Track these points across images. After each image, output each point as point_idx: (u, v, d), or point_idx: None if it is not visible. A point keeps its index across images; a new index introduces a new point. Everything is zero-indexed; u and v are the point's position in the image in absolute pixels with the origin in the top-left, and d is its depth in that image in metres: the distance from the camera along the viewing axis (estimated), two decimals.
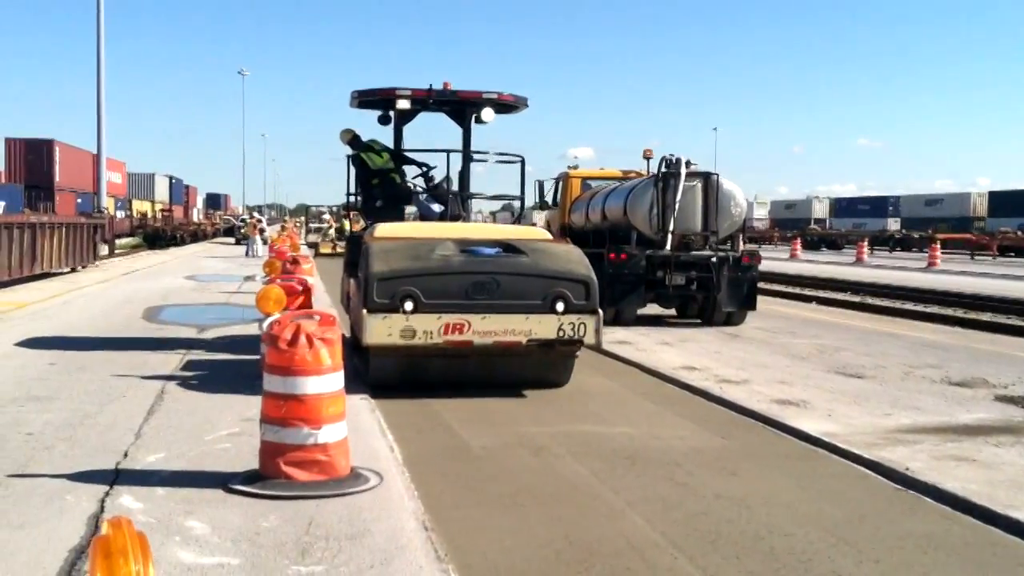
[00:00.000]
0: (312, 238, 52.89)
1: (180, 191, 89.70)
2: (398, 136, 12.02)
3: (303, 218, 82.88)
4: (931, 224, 67.19)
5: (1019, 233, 56.41)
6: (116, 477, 6.11)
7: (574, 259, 9.36)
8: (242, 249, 45.11)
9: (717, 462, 7.10)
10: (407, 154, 12.04)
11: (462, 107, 11.73)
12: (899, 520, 5.85)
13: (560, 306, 8.86)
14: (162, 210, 72.52)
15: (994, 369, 11.34)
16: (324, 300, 18.22)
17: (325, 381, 5.98)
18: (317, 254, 40.76)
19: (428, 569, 4.68)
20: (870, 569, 4.99)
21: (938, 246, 42.38)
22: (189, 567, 4.59)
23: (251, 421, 7.57)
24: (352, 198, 12.00)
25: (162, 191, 79.67)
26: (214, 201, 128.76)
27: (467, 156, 11.88)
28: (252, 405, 8.12)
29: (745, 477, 6.70)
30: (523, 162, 11.92)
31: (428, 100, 11.51)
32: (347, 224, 58.30)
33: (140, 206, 68.46)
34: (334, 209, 75.93)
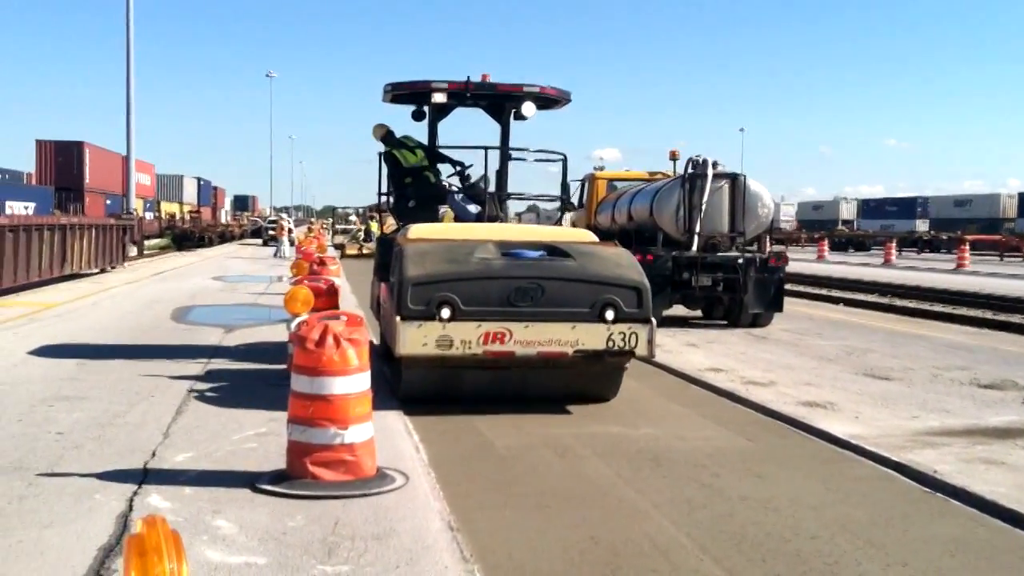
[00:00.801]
0: (339, 239, 53.10)
1: (208, 193, 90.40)
2: (432, 133, 11.35)
3: (330, 220, 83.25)
4: (960, 225, 66.68)
5: None
6: (144, 476, 6.17)
7: (625, 263, 8.73)
8: (269, 250, 45.38)
9: (743, 464, 7.08)
10: (442, 151, 11.41)
11: (501, 101, 11.07)
12: (927, 523, 5.81)
13: (610, 314, 8.24)
14: (190, 211, 73.15)
15: (1022, 371, 11.23)
16: (350, 301, 18.29)
17: (352, 381, 6.01)
18: (343, 255, 40.90)
19: (454, 569, 4.70)
20: (897, 572, 4.96)
21: (967, 247, 42.01)
22: (216, 566, 4.62)
23: (278, 421, 7.62)
24: (383, 198, 11.41)
25: (190, 193, 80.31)
26: (242, 203, 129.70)
27: (505, 154, 11.23)
28: (279, 405, 8.16)
29: (771, 479, 6.68)
30: (565, 160, 11.23)
31: (465, 94, 10.78)
32: (374, 226, 58.62)
33: (168, 207, 69.06)
34: (360, 211, 76.38)
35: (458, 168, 11.34)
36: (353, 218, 72.79)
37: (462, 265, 8.27)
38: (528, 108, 10.73)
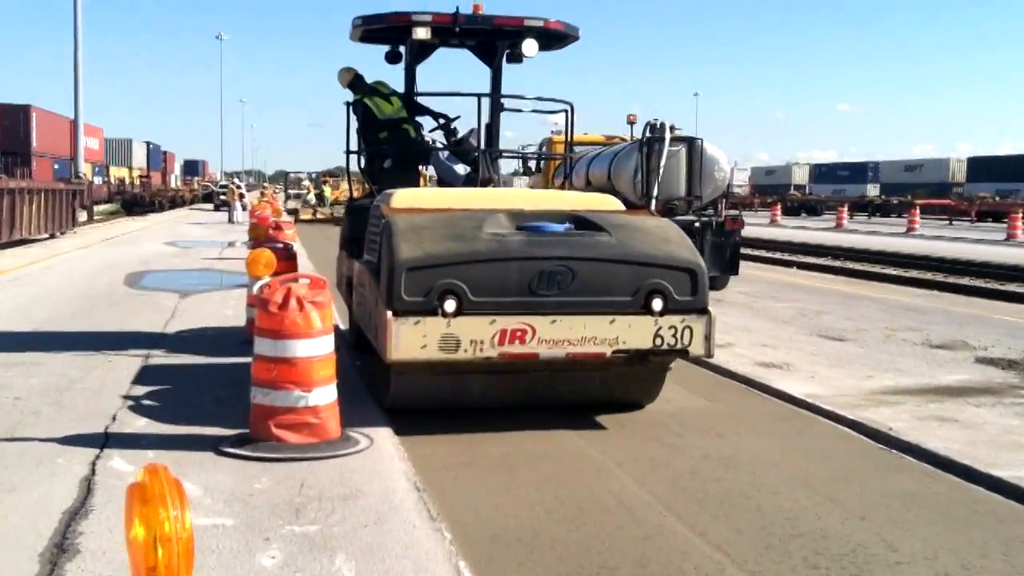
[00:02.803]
0: (291, 204, 52.65)
1: (158, 157, 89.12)
2: (410, 78, 9.62)
3: (282, 184, 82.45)
4: (910, 190, 67.64)
5: (997, 198, 56.75)
6: (106, 441, 6.12)
7: (673, 238, 6.99)
8: (221, 215, 44.88)
9: (704, 423, 7.18)
10: (423, 100, 9.70)
11: (495, 39, 9.39)
12: (883, 478, 5.94)
13: (658, 304, 6.53)
14: (140, 176, 72.09)
15: (974, 332, 11.47)
16: (306, 267, 18.18)
17: (316, 344, 5.99)
18: (297, 220, 40.58)
19: (422, 528, 4.73)
20: (855, 526, 5.08)
21: (917, 211, 42.68)
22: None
23: (238, 385, 7.59)
24: (353, 156, 9.50)
25: (140, 157, 79.10)
26: (192, 167, 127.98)
27: (497, 103, 9.63)
28: (239, 369, 8.14)
29: (731, 438, 6.78)
30: (572, 110, 9.47)
31: (453, 29, 8.96)
32: (327, 190, 58.10)
33: (118, 172, 67.99)
34: (313, 175, 75.72)
35: (442, 121, 9.83)
36: (306, 183, 72.12)
37: (470, 243, 6.50)
38: (529, 47, 9.11)
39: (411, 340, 6.22)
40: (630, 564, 4.51)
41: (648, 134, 15.96)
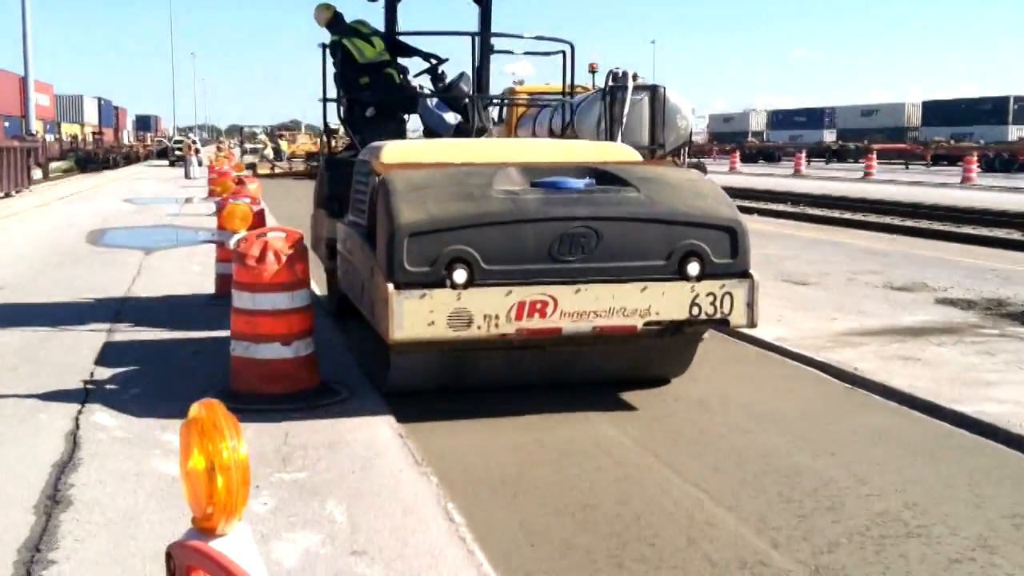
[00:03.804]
0: (248, 159, 52.16)
1: (110, 113, 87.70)
2: (391, 18, 8.87)
3: (237, 139, 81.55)
4: (867, 135, 68.08)
5: (951, 142, 57.41)
6: (87, 396, 6.16)
7: (708, 192, 6.26)
8: (177, 171, 44.34)
9: None
10: (407, 41, 8.97)
11: None
12: (851, 416, 6.13)
13: (694, 268, 5.82)
14: (93, 133, 70.91)
15: (933, 273, 11.71)
16: (270, 223, 18.10)
17: (294, 297, 6.05)
18: (255, 175, 40.23)
19: (408, 473, 4.83)
20: (826, 461, 5.25)
21: (874, 156, 43.08)
22: (174, 478, 4.68)
23: (215, 340, 7.65)
24: (329, 104, 8.92)
25: (91, 113, 77.83)
26: (144, 123, 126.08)
27: (487, 44, 8.84)
28: (213, 324, 8.19)
29: (703, 381, 6.93)
30: (572, 51, 8.89)
31: None
32: (284, 144, 57.37)
33: (69, 129, 66.89)
34: (268, 129, 75.00)
35: (433, 62, 9.04)
36: (261, 137, 71.42)
37: (480, 203, 5.72)
38: None
39: (416, 317, 5.46)
40: (611, 502, 4.65)
41: (611, 83, 15.98)
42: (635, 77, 15.97)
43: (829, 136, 76.37)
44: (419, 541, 4.03)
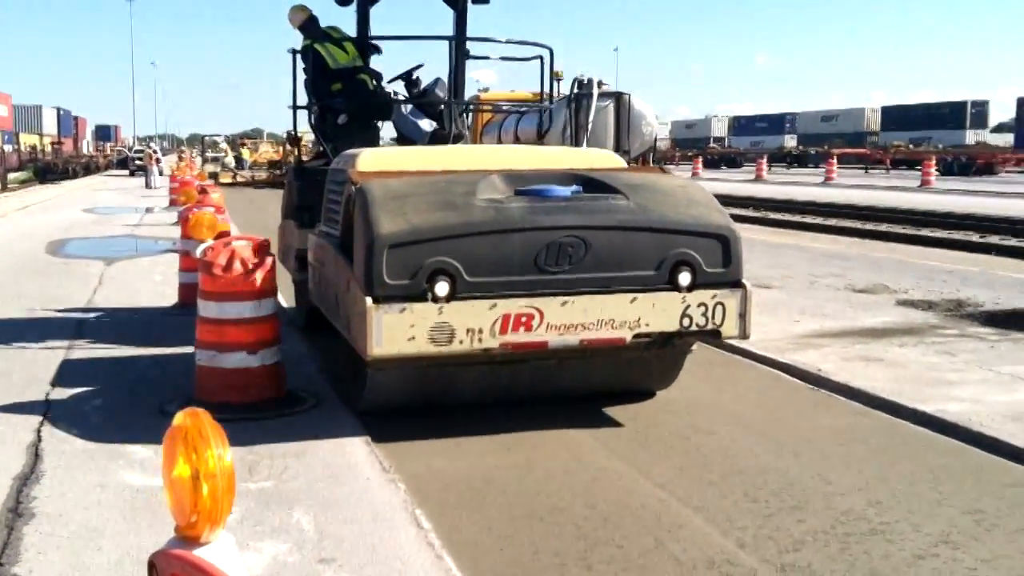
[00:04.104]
0: (209, 168, 51.81)
1: (69, 123, 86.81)
2: (363, 21, 8.64)
3: (198, 148, 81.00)
4: (827, 140, 68.86)
5: (910, 146, 58.15)
6: (48, 408, 6.09)
7: (699, 199, 6.02)
8: (137, 181, 43.95)
9: None
10: (380, 46, 8.75)
11: None
12: (814, 416, 6.20)
13: (685, 277, 5.60)
14: (52, 143, 70.13)
15: (893, 276, 11.85)
16: (233, 232, 18.00)
17: (261, 305, 6.03)
18: (217, 183, 39.97)
19: (376, 480, 4.83)
20: (790, 461, 5.31)
21: (834, 161, 43.58)
22: (138, 488, 4.65)
23: (178, 350, 7.59)
24: (299, 112, 8.64)
25: (50, 123, 77.02)
26: (104, 133, 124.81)
27: (462, 49, 8.60)
28: (175, 332, 8.13)
29: None
30: (551, 55, 8.75)
31: None
32: (246, 152, 56.88)
33: (28, 139, 66.14)
34: (229, 138, 74.62)
35: (409, 70, 8.81)
36: (223, 145, 71.04)
37: (463, 212, 5.46)
38: None
39: (396, 332, 5.20)
40: (579, 505, 4.67)
41: (576, 90, 16.04)
42: (600, 84, 16.03)
43: (790, 141, 77.15)
44: (387, 548, 4.03)
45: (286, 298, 9.26)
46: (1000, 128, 75.91)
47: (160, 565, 1.54)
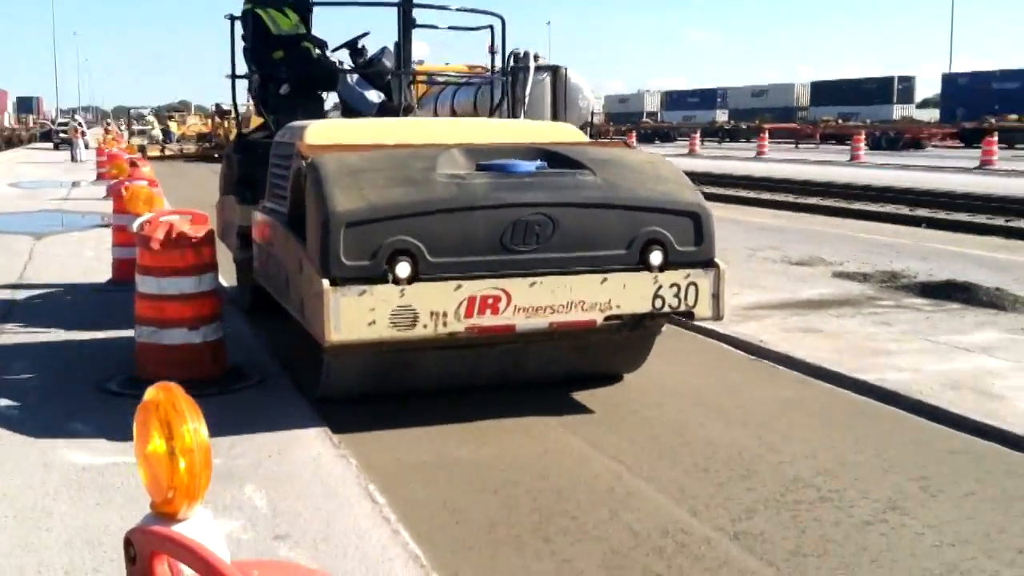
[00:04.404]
0: (136, 141, 50.74)
1: None
2: None
3: (124, 121, 79.30)
4: (757, 115, 69.59)
5: (839, 122, 59.05)
6: None
7: (668, 175, 5.82)
8: (62, 154, 42.87)
9: None
10: (323, 13, 8.77)
11: None
12: (759, 388, 6.28)
13: (656, 257, 5.39)
14: None
15: (829, 248, 12.04)
16: (164, 206, 17.67)
17: (201, 280, 5.92)
18: (145, 157, 39.17)
19: (326, 456, 4.79)
20: (738, 432, 5.37)
21: (766, 136, 44.05)
22: (84, 467, 4.56)
23: (114, 325, 7.44)
24: (239, 80, 8.25)
25: None
26: (26, 105, 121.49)
27: (409, 16, 8.27)
28: (111, 308, 7.97)
29: None
30: (503, 25, 8.74)
31: None
32: (173, 125, 55.93)
33: None
34: (156, 110, 73.18)
35: (354, 38, 8.54)
36: (150, 118, 69.65)
37: (424, 189, 5.19)
38: None
39: (356, 316, 4.90)
40: (532, 477, 4.68)
41: (512, 63, 15.98)
42: (536, 57, 15.98)
43: (722, 116, 77.81)
44: (343, 523, 4.00)
45: (227, 278, 9.07)
46: (926, 104, 77.65)
47: (138, 542, 1.50)
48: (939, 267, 10.46)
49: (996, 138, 32.57)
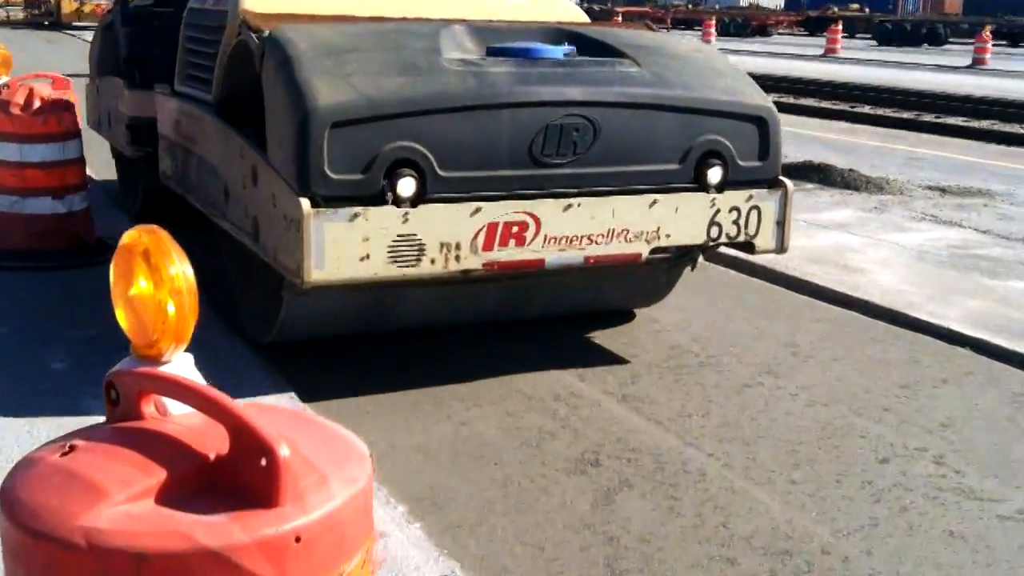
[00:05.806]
0: None
1: None
2: None
3: None
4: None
5: (690, 7, 59.66)
6: None
7: (723, 69, 4.67)
8: None
9: None
10: None
11: None
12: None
13: (715, 174, 4.25)
14: None
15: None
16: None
17: (65, 148, 5.65)
18: None
19: (217, 327, 4.70)
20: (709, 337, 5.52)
21: (620, 19, 44.15)
22: None
23: None
24: None
25: None
26: None
27: None
28: None
29: None
30: None
31: None
32: None
33: None
34: None
35: None
36: None
37: (431, 79, 3.91)
38: None
39: (345, 248, 3.66)
40: (452, 372, 4.62)
41: None
42: None
43: None
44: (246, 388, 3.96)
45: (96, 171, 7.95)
46: None
47: (123, 384, 1.46)
48: (794, 150, 10.80)
49: (840, 27, 33.57)
